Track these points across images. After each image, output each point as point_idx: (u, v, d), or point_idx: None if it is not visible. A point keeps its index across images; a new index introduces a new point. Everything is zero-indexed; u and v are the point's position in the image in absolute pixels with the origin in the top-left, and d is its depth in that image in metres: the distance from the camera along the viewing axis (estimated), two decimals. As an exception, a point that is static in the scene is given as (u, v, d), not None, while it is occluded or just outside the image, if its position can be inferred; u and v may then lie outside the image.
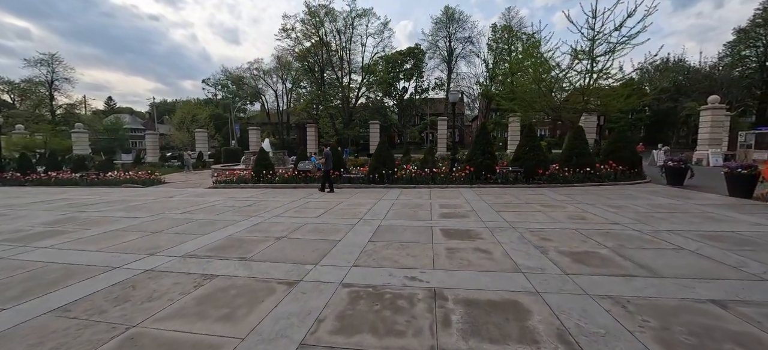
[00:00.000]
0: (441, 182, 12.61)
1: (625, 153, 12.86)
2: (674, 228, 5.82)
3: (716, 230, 5.67)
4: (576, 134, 12.99)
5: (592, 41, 17.17)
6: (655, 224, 6.19)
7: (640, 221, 6.46)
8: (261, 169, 14.58)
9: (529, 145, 12.48)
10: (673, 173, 11.55)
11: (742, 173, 8.98)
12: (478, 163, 12.50)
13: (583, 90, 17.86)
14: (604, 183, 12.05)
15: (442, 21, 47.35)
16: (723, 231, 5.57)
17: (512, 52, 21.81)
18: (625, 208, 7.81)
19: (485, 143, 12.72)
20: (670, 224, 6.12)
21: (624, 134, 13.28)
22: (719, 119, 22.68)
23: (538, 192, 10.69)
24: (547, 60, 17.97)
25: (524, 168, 12.32)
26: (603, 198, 9.28)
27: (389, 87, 52.24)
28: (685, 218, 6.61)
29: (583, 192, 10.53)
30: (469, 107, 56.94)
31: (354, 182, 13.44)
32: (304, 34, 33.18)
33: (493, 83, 32.68)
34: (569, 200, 9.14)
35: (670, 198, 9.05)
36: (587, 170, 12.24)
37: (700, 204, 8.06)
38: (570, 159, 12.71)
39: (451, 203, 9.01)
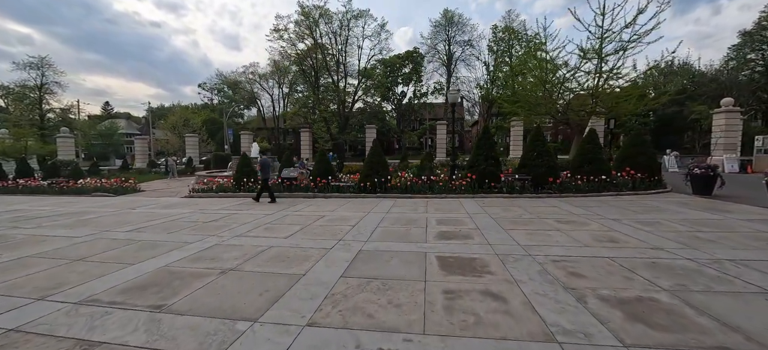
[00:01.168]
0: (439, 191, 11.32)
1: (643, 159, 11.57)
2: (737, 256, 4.52)
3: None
4: (589, 138, 11.72)
5: (601, 39, 16.03)
6: (708, 249, 4.88)
7: (685, 244, 5.16)
8: (242, 177, 13.29)
9: (537, 150, 11.21)
10: (701, 182, 10.26)
11: (790, 182, 7.70)
12: (481, 170, 11.22)
13: (592, 91, 16.68)
14: (622, 193, 10.76)
15: (441, 24, 46.50)
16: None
17: (513, 55, 20.72)
18: (659, 225, 6.50)
19: (488, 147, 11.45)
20: (727, 250, 4.81)
21: (640, 137, 12.02)
22: (734, 122, 21.47)
23: (550, 204, 9.39)
24: (552, 59, 16.80)
25: (532, 176, 11.03)
26: (627, 212, 7.98)
27: (387, 91, 51.27)
28: (740, 241, 5.30)
29: (600, 204, 9.24)
30: (468, 111, 55.87)
31: (343, 191, 12.14)
32: (297, 35, 32.09)
33: (493, 86, 31.53)
34: (588, 214, 7.83)
35: (706, 212, 7.75)
36: (603, 178, 10.95)
37: (746, 220, 6.76)
38: (582, 166, 11.43)
39: (450, 217, 7.70)
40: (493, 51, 29.90)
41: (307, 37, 32.66)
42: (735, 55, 44.24)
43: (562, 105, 18.00)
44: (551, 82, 17.18)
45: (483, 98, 31.83)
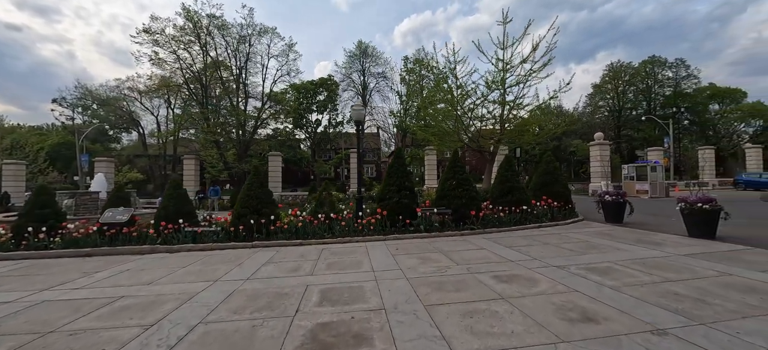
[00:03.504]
0: (341, 233, 8.55)
1: (558, 188, 11.02)
2: (749, 329, 2.83)
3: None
4: (507, 166, 10.66)
5: (504, 71, 16.28)
6: (720, 320, 3.16)
7: (679, 311, 3.43)
8: (28, 224, 8.26)
9: (456, 178, 9.52)
10: (613, 209, 9.89)
11: (703, 208, 7.30)
12: (393, 204, 8.92)
13: (499, 120, 16.71)
14: (542, 224, 9.70)
15: (355, 55, 46.17)
16: None
17: (424, 89, 20.36)
18: (616, 273, 4.89)
19: (401, 175, 9.30)
20: (739, 319, 3.16)
21: (553, 164, 11.61)
22: (605, 153, 24.75)
23: (476, 245, 7.48)
24: (463, 85, 16.40)
25: (452, 209, 9.20)
26: (563, 251, 6.45)
27: (301, 118, 47.82)
28: (730, 296, 3.84)
29: (529, 240, 7.72)
30: (386, 143, 56.01)
31: (205, 238, 8.34)
32: (178, 41, 26.67)
33: (407, 116, 31.31)
34: (525, 259, 6.00)
35: (641, 247, 6.72)
36: (523, 209, 9.79)
37: (688, 256, 5.74)
38: (503, 195, 10.17)
39: (345, 284, 4.91)
40: (405, 81, 29.92)
41: (193, 45, 27.49)
42: (590, 101, 54.76)
43: (473, 133, 17.67)
44: (463, 109, 16.71)
45: (397, 127, 31.25)
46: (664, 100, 50.21)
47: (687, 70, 49.68)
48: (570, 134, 43.41)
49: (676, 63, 49.92)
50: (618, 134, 49.63)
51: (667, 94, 50.42)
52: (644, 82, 50.95)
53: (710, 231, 7.30)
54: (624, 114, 51.76)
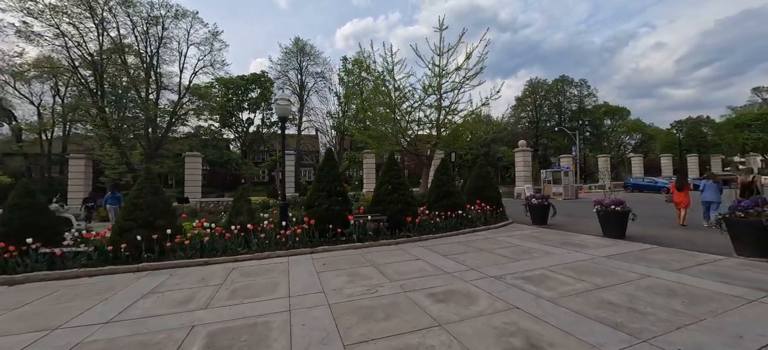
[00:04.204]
0: (260, 247, 7.28)
1: (491, 192, 11.20)
2: (686, 342, 2.64)
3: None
4: (443, 170, 10.46)
5: (439, 77, 16.47)
6: (655, 332, 2.94)
7: (619, 326, 3.17)
8: None
9: (392, 182, 8.93)
10: (539, 211, 10.32)
11: (616, 210, 7.83)
12: (323, 211, 7.94)
13: (436, 124, 16.84)
14: (477, 228, 9.65)
15: (292, 52, 43.63)
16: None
17: (363, 91, 19.81)
18: (550, 282, 4.67)
19: (331, 180, 8.37)
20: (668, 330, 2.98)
21: (486, 169, 11.83)
22: (528, 159, 27.03)
23: (413, 254, 6.91)
24: (401, 88, 16.14)
25: (388, 215, 8.57)
26: (500, 259, 6.22)
27: (230, 116, 43.60)
28: (653, 303, 3.78)
29: (465, 247, 7.44)
30: (325, 146, 54.05)
31: (70, 263, 6.31)
32: (58, 11, 21.67)
33: (345, 117, 30.38)
34: (462, 270, 5.57)
35: (566, 250, 6.86)
36: (459, 213, 9.64)
37: (606, 257, 5.92)
38: (439, 200, 9.91)
39: (246, 319, 3.82)
40: (343, 82, 28.99)
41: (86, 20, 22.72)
42: (513, 112, 60.34)
43: (410, 137, 17.53)
44: (400, 112, 16.45)
45: (335, 128, 30.07)
46: (572, 114, 57.74)
47: (588, 90, 58.01)
48: (497, 141, 47.08)
49: (580, 83, 57.95)
50: (536, 142, 55.48)
51: (573, 109, 58.08)
52: (556, 98, 58.01)
53: (621, 231, 7.87)
54: (541, 125, 58.18)
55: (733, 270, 5.04)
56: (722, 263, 5.46)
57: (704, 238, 7.69)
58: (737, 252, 5.87)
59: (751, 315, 3.45)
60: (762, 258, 5.55)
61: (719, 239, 7.20)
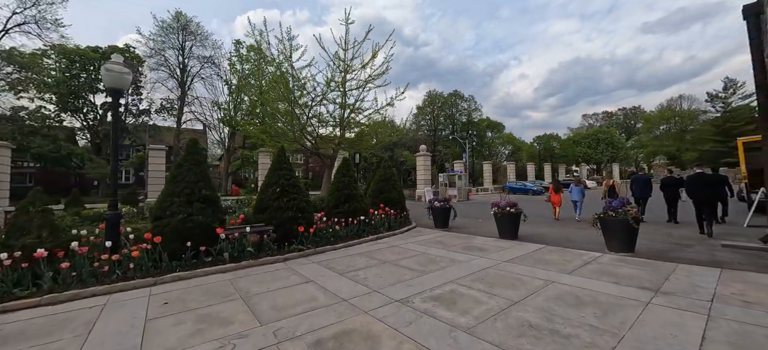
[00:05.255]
0: (63, 285, 4.68)
1: (395, 195, 10.57)
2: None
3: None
4: (344, 171, 9.29)
5: (345, 73, 15.41)
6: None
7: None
8: None
9: (279, 184, 7.26)
10: (441, 215, 10.14)
11: (511, 212, 8.01)
12: (177, 223, 5.74)
13: (339, 122, 15.66)
14: (380, 235, 8.79)
15: (172, 27, 36.22)
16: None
17: (262, 79, 17.13)
18: (462, 301, 3.94)
19: (196, 179, 6.20)
20: None
21: (390, 170, 11.19)
22: (428, 163, 28.43)
23: (303, 275, 5.45)
24: (300, 77, 14.41)
25: (276, 224, 6.87)
26: (404, 273, 5.34)
27: (75, 98, 33.60)
28: (569, 318, 3.36)
29: (367, 260, 6.39)
30: (218, 144, 46.76)
31: None
32: None
33: (238, 111, 26.42)
34: (362, 292, 4.43)
35: (470, 253, 6.50)
36: (361, 219, 8.61)
37: (512, 261, 5.71)
38: (339, 205, 8.69)
39: None
40: (236, 70, 25.11)
41: None
42: (415, 120, 64.26)
43: (311, 135, 15.88)
44: (300, 106, 14.67)
45: (224, 122, 25.71)
46: (462, 125, 64.96)
47: (475, 105, 66.28)
48: (400, 145, 49.03)
49: (469, 98, 65.73)
50: (434, 148, 60.31)
51: (464, 121, 65.45)
52: (450, 110, 64.39)
53: (514, 232, 8.09)
54: (438, 133, 63.61)
55: (613, 267, 5.29)
56: (601, 260, 5.78)
57: (577, 233, 8.53)
58: (609, 248, 6.40)
59: (656, 322, 3.28)
60: (627, 253, 6.13)
61: (589, 236, 8.00)
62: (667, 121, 63.45)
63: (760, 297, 3.82)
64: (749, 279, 4.50)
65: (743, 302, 3.71)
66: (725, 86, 57.43)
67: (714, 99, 59.13)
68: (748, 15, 6.59)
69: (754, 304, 3.64)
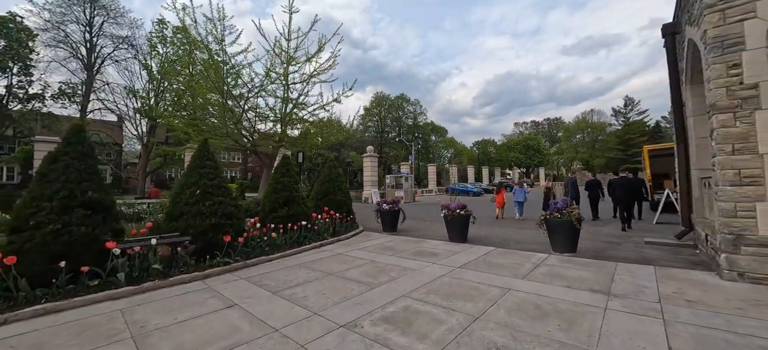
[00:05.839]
0: None
1: (341, 196, 9.81)
2: None
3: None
4: (284, 170, 8.25)
5: (287, 64, 14.18)
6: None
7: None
8: None
9: (201, 184, 6.02)
10: (390, 218, 9.64)
11: (461, 214, 7.81)
12: (45, 237, 4.27)
13: (281, 118, 14.34)
14: (324, 242, 7.95)
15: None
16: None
17: (190, 65, 14.85)
18: (419, 320, 3.40)
19: (80, 179, 4.74)
20: None
21: (336, 170, 10.37)
22: (375, 164, 28.05)
23: (224, 299, 4.42)
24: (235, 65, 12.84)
25: (194, 234, 5.64)
26: (351, 287, 4.65)
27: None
28: (534, 333, 3.02)
29: (307, 271, 5.55)
30: (137, 138, 40.49)
31: None
32: None
33: (160, 100, 23.01)
34: (299, 318, 3.63)
35: (422, 260, 6.06)
36: (303, 225, 7.68)
37: (465, 267, 5.38)
38: (277, 209, 7.65)
39: None
40: (158, 53, 21.72)
41: None
42: (362, 121, 63.85)
43: (248, 130, 14.29)
44: (234, 97, 13.06)
45: (141, 112, 21.99)
46: (408, 128, 66.35)
47: (421, 109, 68.20)
48: (347, 146, 48.09)
49: (415, 102, 67.41)
50: (381, 150, 60.51)
51: (410, 123, 66.91)
52: (397, 113, 65.32)
53: (464, 234, 7.92)
54: (385, 135, 64.01)
55: (562, 269, 5.26)
56: (549, 262, 5.76)
57: (520, 234, 8.68)
58: (553, 249, 6.48)
59: (622, 332, 3.08)
60: (571, 253, 6.25)
61: (532, 236, 8.18)
62: (581, 131, 72.49)
63: (698, 296, 3.94)
64: (680, 277, 4.74)
65: (687, 302, 3.78)
66: (625, 104, 67.50)
67: (617, 114, 69.14)
68: (665, 34, 7.27)
69: (696, 303, 3.71)
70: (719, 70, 4.52)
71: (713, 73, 4.57)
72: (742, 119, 4.36)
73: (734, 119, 4.41)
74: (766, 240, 4.17)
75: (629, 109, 66.41)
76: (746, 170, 4.30)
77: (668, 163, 13.62)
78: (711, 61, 4.60)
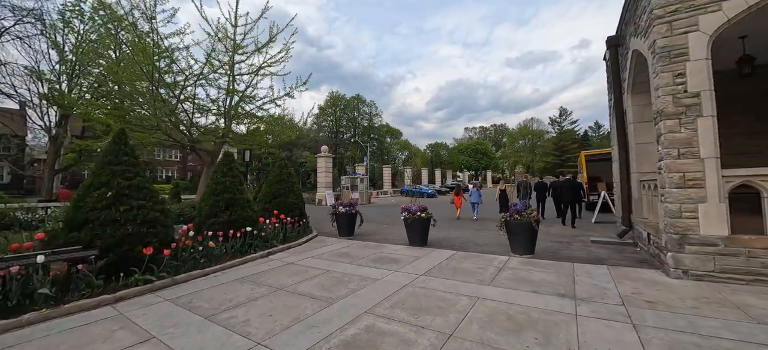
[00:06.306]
0: None
1: (292, 199, 8.99)
2: None
3: None
4: (225, 168, 7.24)
5: (233, 52, 12.84)
6: None
7: None
8: None
9: (114, 185, 4.89)
10: (346, 221, 9.05)
11: (422, 217, 7.52)
12: None
13: (227, 112, 12.93)
14: (273, 250, 7.11)
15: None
16: None
17: (116, 45, 12.63)
18: (387, 348, 2.92)
19: None
20: None
21: (287, 170, 9.50)
22: (330, 164, 27.09)
23: (138, 330, 3.51)
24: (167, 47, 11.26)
25: (104, 247, 4.52)
26: (303, 306, 4.02)
27: None
28: None
29: (250, 287, 4.77)
30: (45, 130, 34.11)
31: None
32: None
33: (74, 85, 19.59)
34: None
35: (382, 268, 5.60)
36: (249, 232, 6.77)
37: (428, 274, 5.04)
38: (217, 214, 6.65)
39: None
40: (73, 30, 18.40)
41: None
42: (316, 120, 62.00)
43: (184, 123, 12.64)
44: (167, 86, 11.43)
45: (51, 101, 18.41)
46: (364, 129, 65.93)
47: (376, 111, 68.25)
48: (300, 145, 46.19)
49: (370, 103, 67.24)
50: (335, 151, 59.22)
51: (365, 124, 66.54)
52: (352, 113, 64.57)
53: (424, 238, 7.65)
54: (339, 135, 62.84)
55: (526, 273, 5.17)
56: (511, 265, 5.68)
57: (479, 235, 8.67)
58: (513, 251, 6.46)
59: (597, 339, 2.91)
60: (530, 255, 6.27)
61: (490, 237, 8.20)
62: (523, 137, 78.50)
63: (655, 296, 4.03)
64: (632, 276, 4.89)
65: (647, 303, 3.81)
66: (560, 114, 74.48)
67: (553, 123, 76.04)
68: (610, 46, 7.75)
69: (656, 304, 3.76)
70: (666, 79, 4.75)
71: (661, 80, 4.79)
72: (686, 125, 4.61)
73: (679, 125, 4.65)
74: (707, 239, 4.44)
75: (563, 118, 73.58)
76: (690, 173, 4.55)
77: (601, 167, 14.98)
78: (659, 69, 4.82)
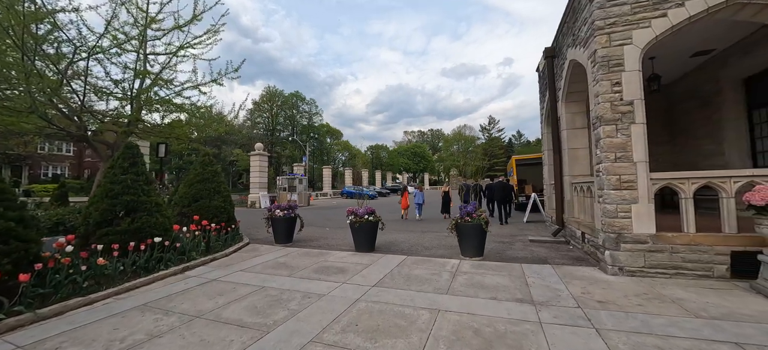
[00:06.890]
0: None
1: (218, 202, 7.67)
2: None
3: None
4: (125, 164, 5.75)
5: (145, 27, 10.74)
6: None
7: None
8: None
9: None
10: (284, 226, 8.06)
11: (369, 220, 6.99)
12: None
13: (135, 96, 10.71)
14: (191, 264, 5.86)
15: None
16: None
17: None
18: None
19: None
20: None
21: (212, 168, 8.11)
22: (264, 164, 24.98)
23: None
24: (45, 6, 8.84)
25: None
26: (232, 338, 3.16)
27: None
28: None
29: (156, 317, 3.69)
30: None
31: None
32: None
33: None
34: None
35: (329, 281, 4.92)
36: (158, 243, 5.44)
37: (381, 286, 4.53)
38: (111, 220, 5.21)
39: None
40: None
41: None
42: (250, 116, 57.52)
43: (75, 107, 10.15)
44: (47, 57, 8.99)
45: None
46: (303, 128, 63.19)
47: (316, 110, 66.04)
48: (231, 142, 42.18)
49: (310, 101, 64.80)
50: (271, 149, 55.53)
51: (304, 123, 63.85)
52: (291, 111, 61.41)
53: (372, 243, 7.15)
54: (276, 133, 59.15)
55: (480, 277, 4.99)
56: (464, 269, 5.49)
57: (426, 237, 8.47)
58: (463, 253, 6.33)
59: None
60: (479, 258, 6.19)
61: (437, 239, 8.07)
62: (457, 142, 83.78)
63: (602, 295, 4.12)
64: (576, 275, 5.04)
65: (599, 303, 3.85)
66: (489, 122, 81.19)
67: (483, 130, 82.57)
68: (547, 57, 8.23)
69: (607, 304, 3.81)
70: (606, 87, 5.02)
71: (601, 88, 5.05)
72: (622, 131, 4.91)
73: (616, 131, 4.94)
74: (639, 238, 4.75)
75: (492, 126, 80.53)
76: (625, 175, 4.84)
77: (530, 171, 16.38)
78: (599, 77, 5.08)
